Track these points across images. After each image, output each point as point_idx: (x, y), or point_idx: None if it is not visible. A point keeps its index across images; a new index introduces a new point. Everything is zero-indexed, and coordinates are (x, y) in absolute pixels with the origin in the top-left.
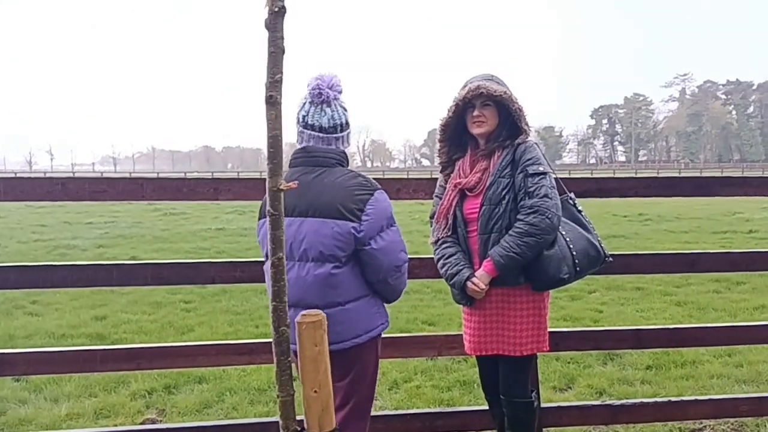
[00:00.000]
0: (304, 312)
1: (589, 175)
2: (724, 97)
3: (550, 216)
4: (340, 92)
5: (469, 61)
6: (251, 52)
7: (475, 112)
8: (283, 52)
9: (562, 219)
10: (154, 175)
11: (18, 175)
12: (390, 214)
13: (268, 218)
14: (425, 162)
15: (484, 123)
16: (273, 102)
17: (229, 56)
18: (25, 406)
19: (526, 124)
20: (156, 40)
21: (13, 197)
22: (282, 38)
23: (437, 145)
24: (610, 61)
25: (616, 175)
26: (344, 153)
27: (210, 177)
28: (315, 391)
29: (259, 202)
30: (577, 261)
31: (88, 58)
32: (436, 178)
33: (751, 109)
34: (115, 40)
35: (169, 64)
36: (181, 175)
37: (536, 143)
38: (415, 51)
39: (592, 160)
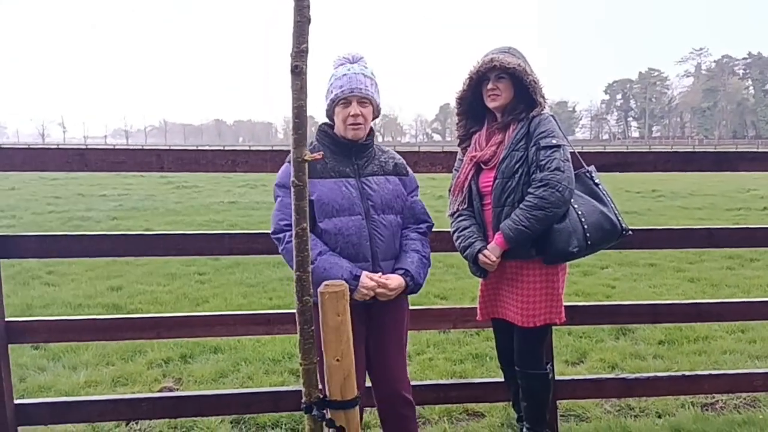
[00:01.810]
0: (327, 282)
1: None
2: (741, 71)
3: (560, 189)
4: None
5: (482, 34)
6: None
7: (490, 85)
8: (309, 21)
9: (576, 192)
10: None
11: (32, 146)
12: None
13: (293, 189)
14: (436, 137)
15: (499, 96)
16: (299, 72)
17: (242, 29)
18: (44, 373)
19: (542, 97)
20: (169, 12)
21: (33, 167)
22: (308, 7)
23: (455, 119)
24: (625, 36)
25: (636, 150)
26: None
27: (227, 149)
28: (337, 360)
29: (272, 176)
30: (588, 234)
31: (102, 29)
32: (450, 152)
33: None
34: (129, 13)
35: (181, 37)
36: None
37: (552, 116)
38: (426, 25)
39: (605, 136)
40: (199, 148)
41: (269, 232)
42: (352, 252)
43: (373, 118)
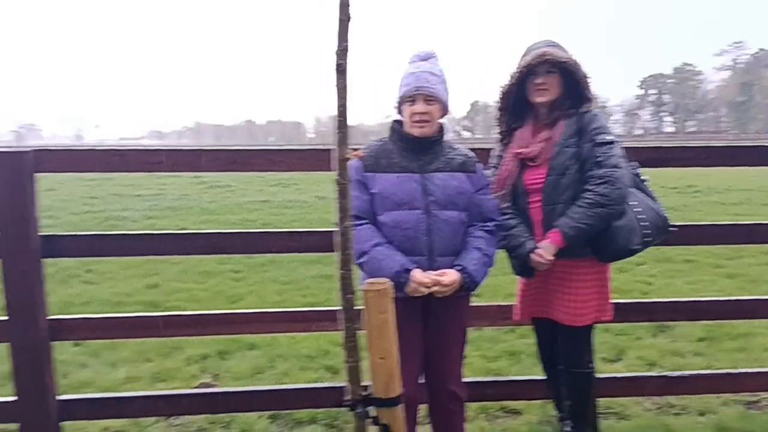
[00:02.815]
0: (371, 280)
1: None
2: None
3: (620, 186)
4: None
5: (512, 30)
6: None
7: (539, 80)
8: (350, 19)
9: (630, 189)
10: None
11: (71, 148)
12: None
13: (337, 187)
14: (466, 134)
15: (547, 91)
16: (342, 70)
17: (271, 30)
18: (85, 370)
19: (591, 92)
20: (203, 14)
21: (74, 168)
22: (349, 5)
23: (496, 114)
24: (659, 31)
25: (676, 145)
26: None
27: (264, 149)
28: (381, 358)
29: (304, 175)
30: (646, 232)
31: (137, 33)
32: (482, 149)
33: None
34: (163, 16)
35: (214, 40)
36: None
37: (600, 112)
38: (457, 22)
39: (638, 131)
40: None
41: (305, 230)
42: (408, 245)
43: (442, 116)
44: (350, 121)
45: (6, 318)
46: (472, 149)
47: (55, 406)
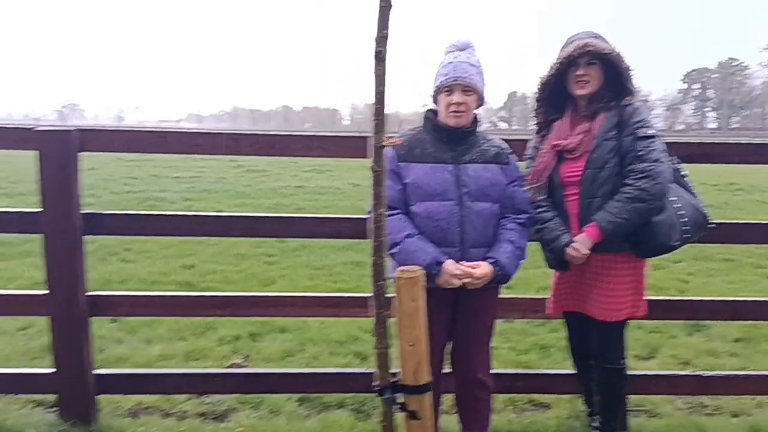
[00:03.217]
0: (403, 267)
1: (692, 139)
2: None
3: (661, 180)
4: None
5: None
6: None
7: (580, 71)
8: (391, 6)
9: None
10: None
11: (119, 129)
12: None
13: (372, 174)
14: (502, 125)
15: (588, 83)
16: (381, 57)
17: (310, 16)
18: (121, 345)
19: (633, 85)
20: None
21: (118, 148)
22: None
23: (534, 105)
24: (705, 24)
25: (721, 141)
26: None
27: (302, 135)
28: (411, 345)
29: (340, 162)
30: (686, 228)
31: (178, 17)
32: (519, 140)
33: None
34: (203, 2)
35: (253, 25)
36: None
37: (642, 105)
38: (495, 13)
39: (680, 126)
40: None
41: (337, 216)
42: (441, 236)
43: (477, 106)
44: (386, 109)
45: (47, 292)
46: (509, 140)
47: (92, 379)
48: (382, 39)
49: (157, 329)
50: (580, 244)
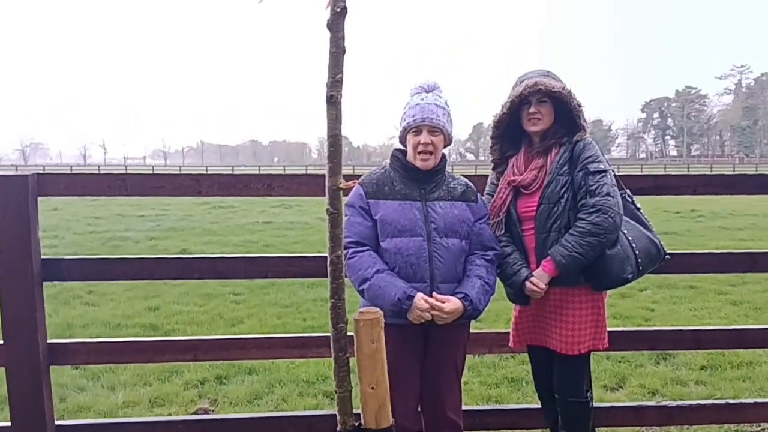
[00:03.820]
0: (362, 309)
1: (644, 171)
2: None
3: (612, 215)
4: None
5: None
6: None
7: (532, 109)
8: (344, 52)
9: (623, 218)
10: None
11: (73, 168)
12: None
13: (328, 216)
14: (470, 156)
15: (540, 120)
16: (334, 102)
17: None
18: (83, 393)
19: (584, 121)
20: (208, 35)
21: (75, 192)
22: (343, 38)
23: (489, 142)
24: (663, 53)
25: (672, 172)
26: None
27: (259, 172)
28: (372, 388)
29: (311, 198)
30: (640, 260)
31: (142, 52)
32: (483, 175)
33: None
34: (166, 35)
35: (219, 60)
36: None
37: (593, 141)
38: (456, 45)
39: (642, 155)
40: (236, 169)
41: (304, 255)
42: (410, 272)
43: (445, 146)
44: (355, 143)
45: (1, 342)
46: (476, 176)
47: (53, 431)
48: (334, 83)
49: (120, 375)
50: (538, 278)
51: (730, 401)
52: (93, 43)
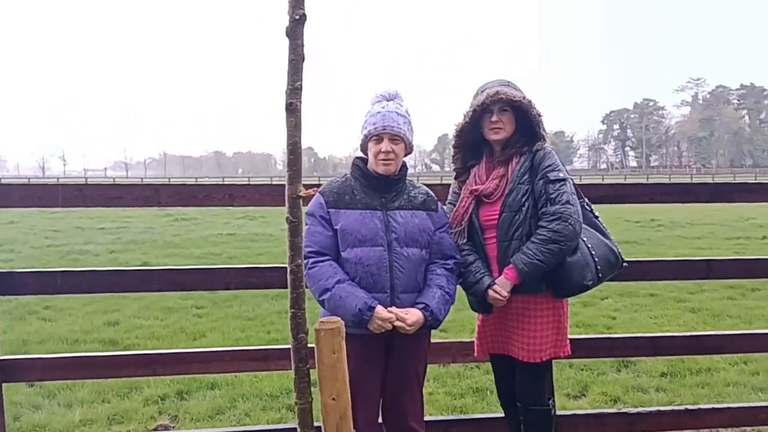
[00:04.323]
0: (323, 318)
1: (605, 181)
2: (736, 101)
3: (572, 222)
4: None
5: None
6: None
7: (494, 118)
8: (303, 59)
9: (583, 226)
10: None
11: (31, 180)
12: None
13: (288, 225)
14: (435, 167)
15: (502, 129)
16: (293, 109)
17: (239, 62)
18: (38, 412)
19: (544, 130)
20: (168, 45)
21: (31, 203)
22: (302, 46)
23: (452, 152)
24: (622, 66)
25: (632, 182)
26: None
27: (222, 182)
28: (333, 399)
29: (274, 208)
30: (599, 267)
31: (101, 63)
32: (448, 184)
33: (764, 114)
34: (127, 45)
35: (180, 70)
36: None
37: (553, 150)
38: (422, 58)
39: (603, 166)
40: (196, 180)
41: (266, 266)
42: (371, 282)
43: (406, 154)
44: (321, 154)
45: None
46: (440, 185)
47: None
48: (293, 91)
49: (77, 392)
50: (500, 286)
51: (689, 407)
52: (53, 52)
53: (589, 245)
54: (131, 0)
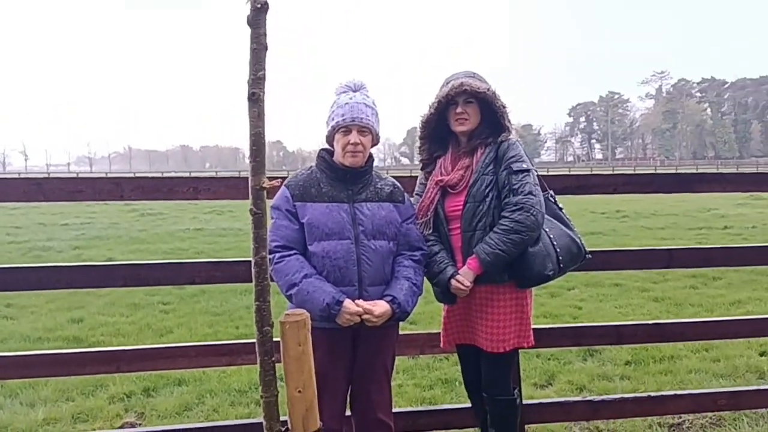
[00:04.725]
0: (289, 311)
1: (569, 173)
2: (699, 95)
3: (534, 213)
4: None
5: (448, 60)
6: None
7: (458, 110)
8: (266, 48)
9: (545, 216)
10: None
11: None
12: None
13: (251, 217)
14: (404, 160)
15: (467, 120)
16: (256, 99)
17: (206, 53)
18: (0, 411)
19: (509, 122)
20: (132, 37)
21: None
22: (265, 35)
23: (418, 143)
24: (587, 59)
25: (597, 173)
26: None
27: (189, 176)
28: (299, 391)
29: (242, 202)
30: (560, 258)
31: (62, 56)
32: (416, 176)
33: (725, 107)
34: (90, 38)
35: (145, 62)
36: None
37: (518, 140)
38: (390, 50)
39: (570, 158)
40: (162, 175)
41: (232, 260)
42: (339, 275)
43: (372, 146)
44: (290, 147)
45: None
46: (408, 177)
47: None
48: (256, 81)
49: (41, 390)
50: (463, 276)
51: (652, 394)
52: (10, 43)
53: (551, 236)
54: None
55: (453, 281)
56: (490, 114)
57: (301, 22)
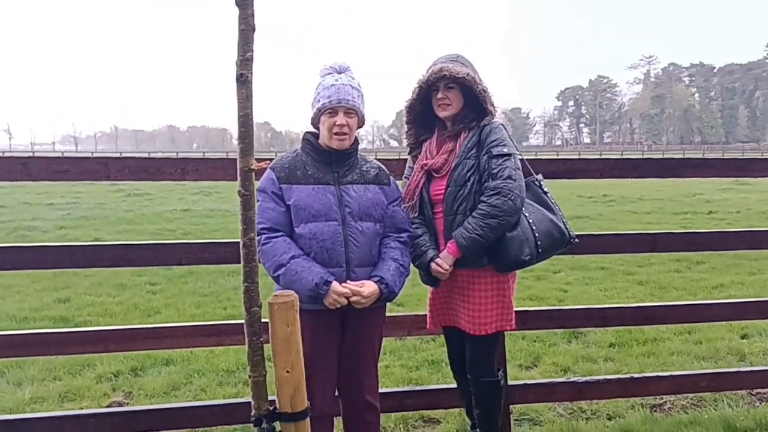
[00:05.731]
0: (277, 292)
1: (557, 157)
2: (687, 80)
3: (513, 198)
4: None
5: (438, 42)
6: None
7: (439, 95)
8: (254, 29)
9: (527, 201)
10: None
11: None
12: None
13: (239, 198)
14: (393, 143)
15: (449, 105)
16: (244, 80)
17: (194, 33)
18: None
19: (492, 105)
20: (118, 16)
21: None
22: (252, 15)
23: (404, 127)
24: (577, 43)
25: (584, 157)
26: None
27: (176, 157)
28: (287, 372)
29: (230, 183)
30: (539, 242)
31: (48, 34)
32: (405, 159)
33: (713, 92)
34: (76, 17)
35: (132, 41)
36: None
37: (502, 124)
38: (379, 32)
39: (558, 142)
40: (149, 155)
41: (220, 241)
42: (326, 257)
43: (358, 128)
44: (278, 128)
45: None
46: (396, 160)
47: None
48: (244, 62)
49: (27, 370)
50: (442, 260)
51: (635, 376)
52: None
53: (531, 220)
54: None
55: (432, 264)
56: (473, 98)
57: (301, 22)
